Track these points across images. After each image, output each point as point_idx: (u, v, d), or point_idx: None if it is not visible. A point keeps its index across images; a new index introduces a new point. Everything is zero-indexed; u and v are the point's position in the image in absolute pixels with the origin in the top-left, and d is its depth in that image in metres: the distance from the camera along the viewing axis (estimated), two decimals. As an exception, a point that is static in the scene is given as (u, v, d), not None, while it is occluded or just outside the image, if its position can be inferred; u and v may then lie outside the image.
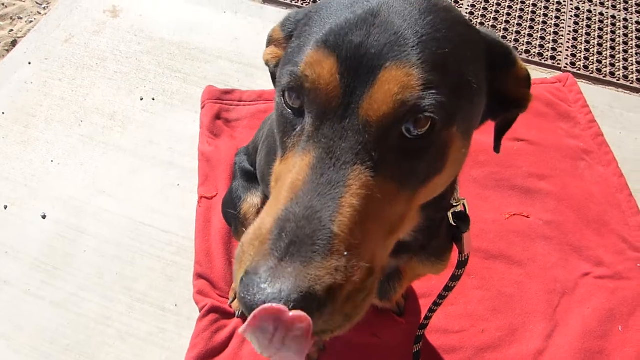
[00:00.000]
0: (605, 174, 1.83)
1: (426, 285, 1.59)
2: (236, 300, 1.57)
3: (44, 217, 1.73)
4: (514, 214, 1.73)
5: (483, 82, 0.66)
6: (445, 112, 0.57)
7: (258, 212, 1.35)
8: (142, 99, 2.01)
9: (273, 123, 0.69)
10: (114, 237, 1.69)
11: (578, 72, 2.10)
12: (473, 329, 1.53)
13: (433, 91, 0.55)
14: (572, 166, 1.84)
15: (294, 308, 0.48)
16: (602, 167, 1.84)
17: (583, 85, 2.05)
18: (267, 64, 0.79)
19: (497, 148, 0.86)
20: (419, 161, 0.59)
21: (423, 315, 1.43)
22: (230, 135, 1.88)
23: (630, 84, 2.08)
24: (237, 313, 1.55)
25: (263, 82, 2.04)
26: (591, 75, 2.10)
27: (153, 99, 2.01)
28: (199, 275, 1.60)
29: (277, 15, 2.27)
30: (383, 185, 0.57)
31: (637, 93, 2.07)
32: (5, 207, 1.74)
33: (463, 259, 0.99)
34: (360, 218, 0.54)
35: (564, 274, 1.62)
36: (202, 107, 1.93)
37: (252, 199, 1.36)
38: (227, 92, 1.97)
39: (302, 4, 2.29)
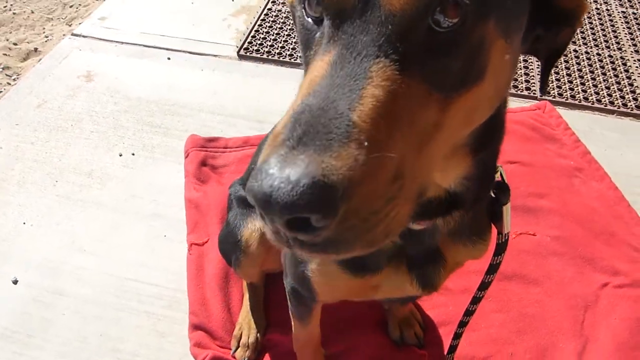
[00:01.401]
0: (600, 188, 1.82)
1: (444, 312, 1.49)
2: (240, 349, 1.41)
3: (15, 282, 1.57)
4: (521, 233, 1.67)
5: None
6: (477, 2, 0.51)
7: (261, 237, 1.26)
8: (121, 155, 1.93)
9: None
10: (96, 296, 1.54)
11: (554, 99, 2.16)
12: (500, 354, 1.41)
13: None
14: (567, 183, 1.83)
15: (304, 197, 0.42)
16: (596, 182, 1.84)
17: (561, 110, 2.10)
18: (292, 5, 0.74)
19: (543, 88, 0.78)
20: (451, 59, 0.52)
21: (448, 344, 1.32)
22: (218, 181, 1.80)
23: (605, 106, 2.14)
24: (241, 362, 1.39)
25: (247, 130, 2.00)
26: (566, 101, 2.16)
27: (133, 154, 1.93)
28: (195, 327, 1.44)
29: (254, 68, 2.29)
30: (410, 82, 0.51)
31: (612, 114, 2.13)
32: (-28, 274, 1.58)
33: (502, 240, 0.91)
34: (384, 112, 0.49)
35: (582, 288, 1.54)
36: (186, 156, 1.86)
37: (253, 224, 1.27)
38: (212, 139, 1.91)
39: (277, 57, 2.33)
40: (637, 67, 2.35)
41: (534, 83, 2.24)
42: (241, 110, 2.09)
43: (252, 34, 2.44)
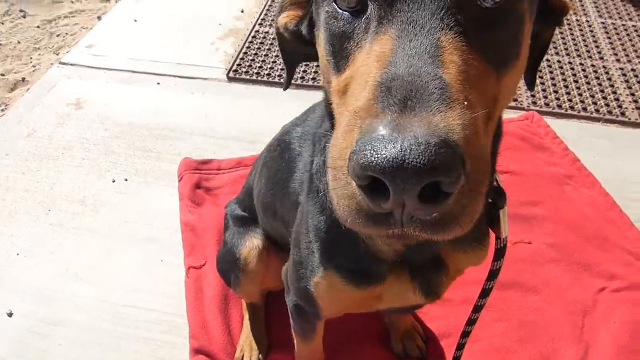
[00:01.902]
0: (592, 195, 1.84)
1: (446, 324, 1.48)
2: (242, 370, 1.39)
3: (10, 314, 1.54)
4: (516, 242, 1.68)
5: None
6: None
7: (260, 255, 1.25)
8: (114, 181, 1.92)
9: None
10: (94, 324, 1.51)
11: (541, 109, 2.20)
12: (504, 363, 1.40)
13: None
14: (559, 191, 1.85)
15: (440, 158, 0.40)
16: (587, 189, 1.86)
17: (549, 120, 2.13)
18: (285, 28, 0.75)
19: (532, 84, 0.82)
20: (501, 33, 0.55)
21: (450, 356, 1.31)
22: (213, 203, 1.79)
23: (591, 115, 2.18)
24: (245, 385, 1.37)
25: (240, 151, 2.00)
26: (554, 111, 2.20)
27: (126, 180, 1.92)
28: (196, 351, 1.42)
29: (244, 90, 2.31)
30: (473, 54, 0.52)
31: (599, 122, 2.17)
32: (-34, 309, 1.55)
33: (501, 245, 0.91)
34: (466, 77, 0.49)
35: (580, 293, 1.55)
36: (180, 180, 1.86)
37: (251, 242, 1.27)
38: (205, 162, 1.91)
39: (267, 79, 2.35)
40: (619, 75, 2.40)
41: (520, 94, 2.28)
42: (233, 132, 2.10)
43: (240, 56, 2.46)
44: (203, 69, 2.40)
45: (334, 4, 0.59)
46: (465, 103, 0.46)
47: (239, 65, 2.41)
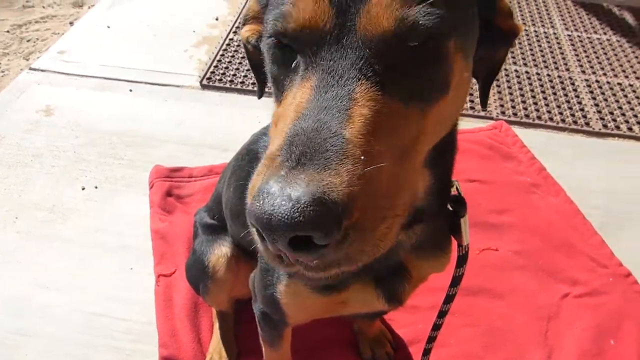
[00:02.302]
0: (557, 203, 1.89)
1: (414, 330, 1.51)
2: (212, 379, 1.39)
3: (-25, 325, 1.51)
4: (484, 249, 1.72)
5: (476, 7, 0.65)
6: (444, 24, 0.55)
7: (229, 262, 1.26)
8: (83, 189, 1.90)
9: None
10: (64, 333, 1.49)
11: (509, 119, 2.25)
12: (471, 368, 1.43)
13: (429, 5, 0.54)
14: (525, 199, 1.89)
15: (305, 215, 0.44)
16: (553, 197, 1.91)
17: (517, 129, 2.19)
18: (247, 41, 0.77)
19: (484, 102, 0.84)
20: (423, 74, 0.57)
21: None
22: (184, 211, 1.79)
23: (557, 124, 2.25)
24: (214, 393, 1.37)
25: (213, 159, 2.00)
26: (521, 120, 2.26)
27: (96, 187, 1.90)
28: (165, 359, 1.42)
29: (218, 98, 2.31)
30: (390, 99, 0.55)
31: (565, 131, 2.24)
32: None
33: (462, 252, 0.94)
34: (372, 128, 0.52)
35: (545, 299, 1.59)
36: (151, 187, 1.85)
37: (219, 250, 1.27)
38: (176, 169, 1.91)
39: (240, 86, 2.35)
40: (584, 86, 2.47)
41: (489, 104, 2.33)
42: (206, 140, 2.10)
43: (214, 64, 2.47)
44: (176, 76, 2.40)
45: (273, 41, 0.61)
46: (362, 157, 0.49)
47: (212, 72, 2.41)
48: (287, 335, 1.15)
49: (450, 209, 0.87)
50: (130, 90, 2.32)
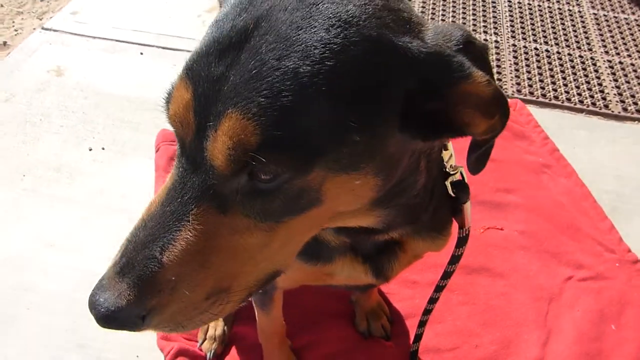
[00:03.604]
0: (568, 184, 1.85)
1: (411, 305, 1.50)
2: (207, 341, 1.41)
3: (-22, 278, 1.54)
4: (488, 228, 1.69)
5: (385, 111, 0.56)
6: (292, 167, 0.53)
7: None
8: (90, 150, 1.90)
9: None
10: (64, 291, 1.51)
11: (525, 97, 2.20)
12: (466, 345, 1.42)
13: (275, 146, 0.51)
14: (535, 179, 1.85)
15: (110, 320, 0.56)
16: (564, 178, 1.87)
17: (532, 108, 2.13)
18: None
19: (469, 167, 0.74)
20: (276, 201, 0.56)
21: (412, 336, 1.33)
22: (188, 176, 1.78)
23: (574, 105, 2.18)
24: (208, 355, 1.38)
25: (219, 125, 1.99)
26: (537, 99, 2.20)
27: (103, 149, 1.91)
28: (162, 321, 1.43)
29: (228, 65, 2.28)
30: (232, 219, 0.57)
31: (581, 112, 2.17)
32: None
33: (463, 234, 0.92)
34: (198, 250, 0.57)
35: (547, 280, 1.56)
36: (157, 150, 1.85)
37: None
38: (183, 134, 1.90)
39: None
40: (606, 67, 2.39)
41: (505, 82, 2.27)
42: (214, 106, 2.08)
43: (226, 30, 2.43)
44: (188, 41, 2.37)
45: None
46: (173, 278, 0.56)
47: (224, 39, 2.38)
48: (278, 299, 1.15)
49: (452, 195, 0.84)
50: (141, 54, 2.31)
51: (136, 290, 0.56)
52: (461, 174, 0.85)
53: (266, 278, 0.65)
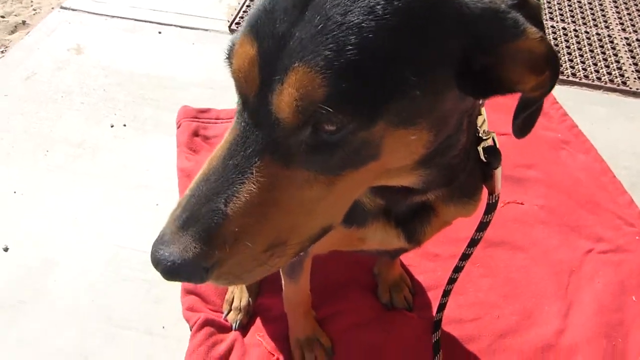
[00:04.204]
0: (586, 160, 1.85)
1: (433, 277, 1.52)
2: (232, 312, 1.43)
3: (5, 249, 1.57)
4: (509, 202, 1.70)
5: (442, 66, 0.57)
6: (358, 118, 0.54)
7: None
8: (112, 126, 1.92)
9: None
10: (89, 265, 1.54)
11: (542, 75, 2.19)
12: (488, 316, 1.44)
13: (342, 98, 0.52)
14: (554, 155, 1.86)
15: (178, 272, 0.57)
16: (583, 154, 1.87)
17: (549, 85, 2.13)
18: None
19: (514, 131, 0.73)
20: (338, 154, 0.57)
21: (436, 307, 1.35)
22: (210, 151, 1.79)
23: (592, 82, 2.18)
24: (234, 325, 1.41)
25: (238, 102, 2.00)
26: (554, 76, 2.19)
27: (124, 125, 1.93)
28: (187, 291, 1.46)
29: (245, 43, 2.29)
30: (294, 173, 0.59)
31: (599, 89, 2.17)
32: (-37, 241, 1.57)
33: (493, 200, 0.93)
34: (260, 202, 0.58)
35: (567, 254, 1.58)
36: (178, 127, 1.87)
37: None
38: (204, 110, 1.92)
39: (269, 33, 2.32)
40: (624, 44, 2.38)
41: (522, 59, 2.26)
42: (231, 83, 2.09)
43: (243, 8, 2.43)
44: (205, 20, 2.38)
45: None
46: (236, 229, 0.58)
47: (241, 17, 2.38)
48: (307, 267, 1.17)
49: (484, 160, 0.85)
50: (160, 33, 2.32)
51: (202, 243, 0.57)
52: (493, 139, 0.86)
53: (318, 233, 0.66)
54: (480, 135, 0.83)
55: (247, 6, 2.45)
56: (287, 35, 0.53)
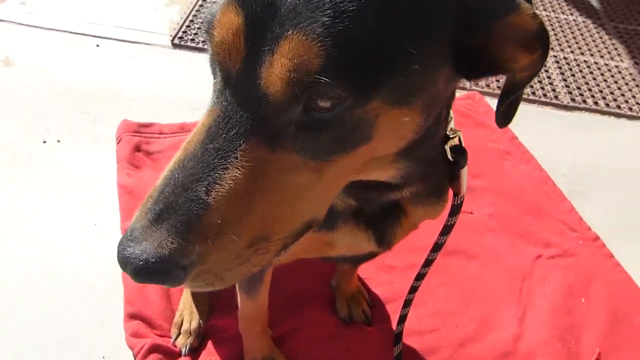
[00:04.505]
0: (528, 170, 1.92)
1: (390, 289, 1.50)
2: (181, 336, 1.34)
3: None
4: (465, 212, 1.72)
5: (437, 40, 0.55)
6: (355, 93, 0.50)
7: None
8: (44, 142, 1.79)
9: None
10: (23, 286, 1.41)
11: (482, 90, 2.27)
12: (447, 326, 1.43)
13: (339, 69, 0.48)
14: (498, 165, 1.91)
15: (150, 272, 0.50)
16: (524, 164, 1.94)
17: (489, 100, 2.21)
18: None
19: (497, 119, 0.72)
20: (330, 135, 0.53)
21: (395, 320, 1.32)
22: (153, 167, 1.71)
23: (528, 96, 2.28)
24: (183, 350, 1.32)
25: (184, 116, 1.93)
26: (494, 92, 2.28)
27: (58, 141, 1.80)
28: (131, 316, 1.35)
29: (189, 57, 2.23)
30: (282, 156, 0.54)
31: (535, 104, 2.27)
32: None
33: (458, 201, 0.92)
34: (245, 190, 0.52)
35: (518, 260, 1.61)
36: (118, 142, 1.77)
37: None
38: (146, 125, 1.83)
39: (213, 48, 2.27)
40: (553, 62, 2.52)
41: (463, 75, 2.34)
42: (176, 98, 2.02)
43: (186, 23, 2.37)
44: (146, 34, 2.30)
45: (208, 40, 0.57)
46: (218, 221, 0.51)
47: (184, 32, 2.32)
48: (267, 280, 1.11)
49: (451, 159, 0.84)
50: (97, 46, 2.21)
51: (179, 237, 0.50)
52: (459, 138, 0.85)
53: (302, 228, 0.61)
54: (447, 133, 0.82)
55: (191, 21, 2.39)
56: (276, 2, 0.49)
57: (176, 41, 2.26)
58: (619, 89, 2.39)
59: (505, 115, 0.71)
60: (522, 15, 0.55)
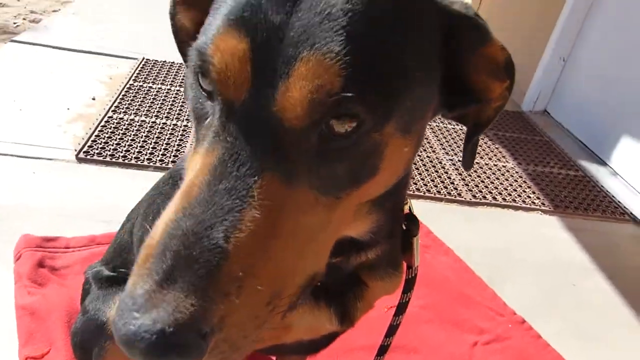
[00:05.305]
0: (448, 261, 1.98)
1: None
2: None
3: None
4: (391, 306, 1.69)
5: (433, 65, 0.56)
6: (375, 113, 0.49)
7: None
8: None
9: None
10: None
11: (393, 190, 2.38)
12: None
13: (359, 88, 0.47)
14: (421, 258, 1.94)
15: (168, 347, 0.41)
16: (443, 256, 2.00)
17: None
18: (178, 25, 0.69)
19: (464, 162, 0.75)
20: (345, 165, 0.51)
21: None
22: (60, 283, 1.53)
23: (435, 195, 2.42)
24: None
25: (91, 230, 1.78)
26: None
27: (-59, 265, 1.57)
28: None
29: (96, 171, 2.12)
30: (298, 193, 0.50)
31: (441, 201, 2.41)
32: None
33: (412, 275, 0.91)
34: (264, 232, 0.47)
35: (457, 348, 1.59)
36: (18, 259, 1.57)
37: (119, 305, 1.08)
38: (50, 239, 1.66)
39: (122, 160, 2.19)
40: (450, 164, 2.74)
41: (374, 178, 2.45)
42: (82, 211, 1.88)
43: (92, 138, 2.29)
44: (48, 150, 2.17)
45: (196, 78, 0.53)
46: (240, 273, 0.45)
47: (90, 146, 2.24)
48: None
49: (404, 227, 0.84)
50: (-8, 163, 2.04)
51: (199, 296, 0.42)
52: (410, 207, 0.86)
53: (306, 283, 0.55)
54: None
55: (96, 136, 2.32)
56: (284, 25, 0.47)
57: (81, 155, 2.16)
58: (510, 185, 2.63)
59: (470, 155, 0.74)
60: (494, 46, 0.59)
